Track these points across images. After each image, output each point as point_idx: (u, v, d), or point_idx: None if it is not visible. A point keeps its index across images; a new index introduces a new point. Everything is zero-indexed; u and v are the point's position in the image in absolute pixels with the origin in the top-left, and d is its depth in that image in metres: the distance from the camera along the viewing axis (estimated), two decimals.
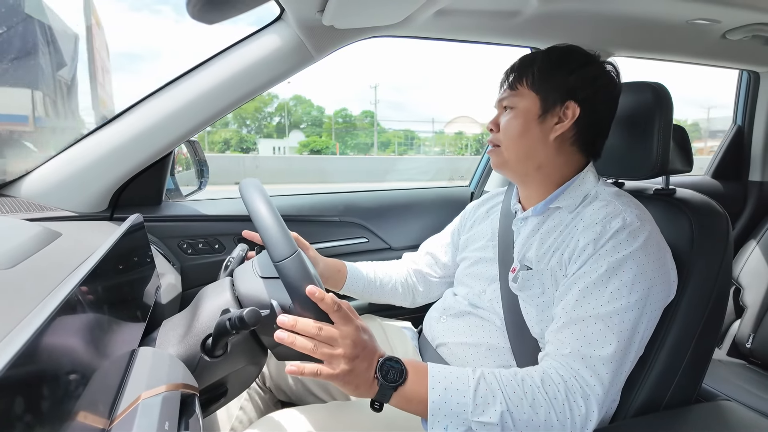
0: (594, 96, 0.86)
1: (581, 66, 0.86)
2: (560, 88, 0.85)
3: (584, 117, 0.85)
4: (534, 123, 0.86)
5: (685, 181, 1.86)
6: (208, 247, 1.24)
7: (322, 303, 0.64)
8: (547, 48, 0.90)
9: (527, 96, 0.87)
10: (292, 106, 48.16)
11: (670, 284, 0.79)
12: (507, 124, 0.89)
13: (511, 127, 0.88)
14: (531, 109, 0.87)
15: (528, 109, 0.87)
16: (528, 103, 0.87)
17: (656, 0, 1.05)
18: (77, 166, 1.05)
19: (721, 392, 1.33)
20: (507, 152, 0.89)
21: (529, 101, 0.87)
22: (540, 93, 0.86)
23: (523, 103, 0.87)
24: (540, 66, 0.87)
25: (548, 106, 0.86)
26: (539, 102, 0.86)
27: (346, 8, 0.91)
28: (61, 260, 0.69)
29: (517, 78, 0.89)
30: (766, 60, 1.64)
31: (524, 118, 0.87)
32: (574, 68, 0.86)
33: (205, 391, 0.67)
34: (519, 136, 0.87)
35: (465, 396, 0.67)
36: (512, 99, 0.89)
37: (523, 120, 0.87)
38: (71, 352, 0.43)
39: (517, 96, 0.88)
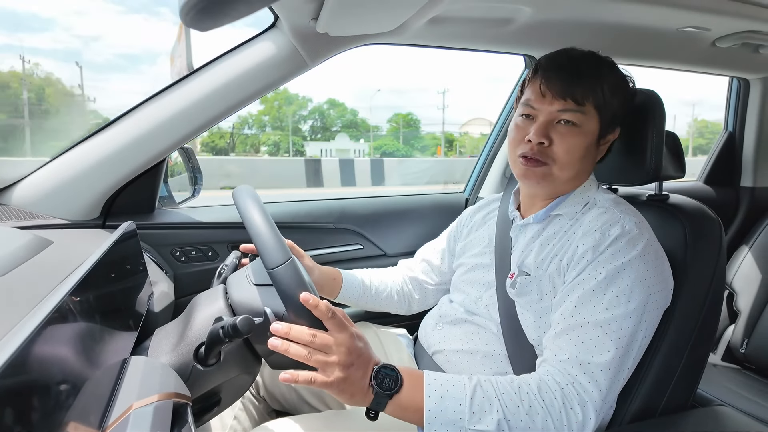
0: (625, 121, 0.88)
1: (630, 92, 0.87)
2: (618, 114, 0.84)
3: (615, 140, 0.88)
4: (593, 146, 0.83)
5: (677, 187, 1.87)
6: (202, 254, 1.23)
7: (316, 310, 0.63)
8: (607, 59, 0.85)
9: (592, 116, 0.81)
10: (325, 109, 48.33)
11: (667, 291, 0.79)
12: (570, 144, 0.81)
13: (575, 148, 0.81)
14: (594, 132, 0.82)
15: (593, 131, 0.82)
16: (593, 124, 0.81)
17: (647, 9, 1.06)
18: (69, 174, 1.04)
19: (716, 397, 1.33)
20: (560, 171, 0.83)
21: (594, 122, 0.81)
22: (604, 115, 0.82)
23: (589, 124, 0.81)
24: (609, 85, 0.81)
25: (606, 131, 0.84)
26: (599, 125, 0.82)
27: (340, 16, 0.92)
28: (51, 268, 0.68)
29: (585, 93, 0.80)
30: (755, 67, 1.66)
31: (589, 140, 0.81)
32: (627, 95, 0.86)
33: (198, 400, 0.67)
34: (580, 158, 0.82)
35: (461, 404, 0.66)
36: (578, 116, 0.80)
37: (588, 142, 0.82)
38: (61, 361, 0.42)
39: (584, 114, 0.80)
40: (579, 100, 0.80)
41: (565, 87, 0.80)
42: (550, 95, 0.81)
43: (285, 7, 0.94)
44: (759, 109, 1.82)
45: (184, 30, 1.52)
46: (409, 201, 1.58)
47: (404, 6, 0.90)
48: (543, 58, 0.86)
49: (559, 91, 0.80)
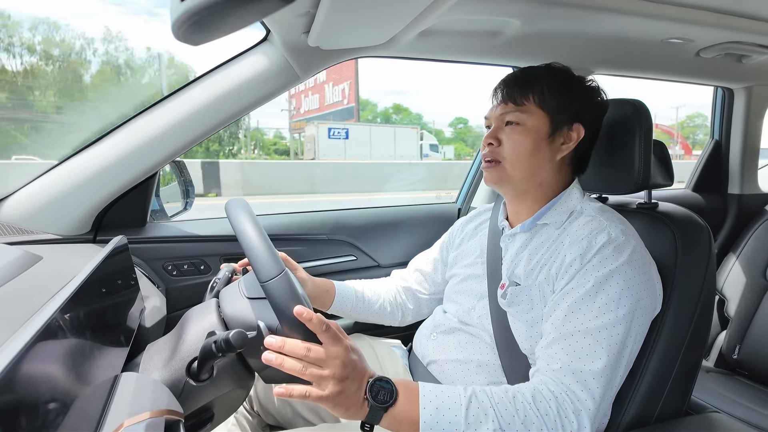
0: (595, 119, 0.90)
1: (586, 89, 0.89)
2: (569, 109, 0.87)
3: (585, 139, 0.88)
4: (544, 142, 0.87)
5: (666, 195, 1.89)
6: (194, 268, 1.22)
7: (310, 323, 0.63)
8: (546, 65, 0.91)
9: (536, 114, 0.87)
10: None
11: (656, 297, 0.80)
12: (515, 141, 0.87)
13: (519, 145, 0.87)
14: (540, 128, 0.86)
15: (537, 128, 0.86)
16: (537, 121, 0.86)
17: (632, 20, 1.09)
18: (59, 188, 1.03)
19: (709, 404, 1.33)
20: (512, 169, 0.88)
21: (537, 119, 0.86)
22: (549, 112, 0.86)
23: (531, 120, 0.86)
24: (549, 84, 0.87)
25: (557, 127, 0.87)
26: (548, 121, 0.86)
27: (331, 30, 0.93)
28: (41, 284, 0.67)
29: (522, 93, 0.87)
30: (739, 77, 1.70)
31: (535, 136, 0.86)
32: (581, 90, 0.89)
33: (191, 416, 0.66)
34: (528, 155, 0.86)
35: (457, 415, 0.66)
36: (519, 115, 0.87)
37: (533, 138, 0.86)
38: (51, 378, 0.42)
39: (525, 113, 0.87)
40: (517, 101, 0.87)
41: (507, 93, 0.89)
42: (497, 103, 0.92)
43: (277, 21, 0.95)
44: (743, 117, 1.86)
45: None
46: (402, 212, 1.59)
47: (395, 20, 0.91)
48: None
49: (503, 97, 0.90)
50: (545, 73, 0.89)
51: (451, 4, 0.87)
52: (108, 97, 21.43)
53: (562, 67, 0.91)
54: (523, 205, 0.93)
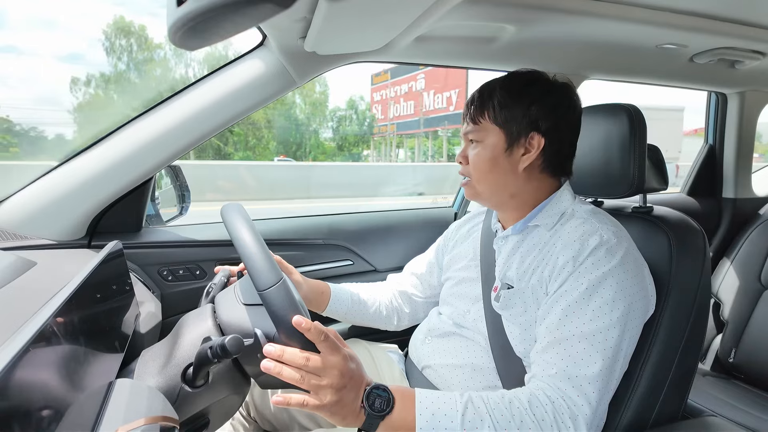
0: (557, 125, 0.86)
1: (541, 95, 0.86)
2: (522, 120, 0.86)
3: (549, 145, 0.86)
4: (501, 156, 0.87)
5: (661, 199, 1.90)
6: (189, 273, 1.21)
7: (308, 333, 0.63)
8: (505, 76, 0.90)
9: (491, 130, 0.88)
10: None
11: (649, 299, 0.80)
12: (475, 158, 0.89)
13: (479, 162, 0.89)
14: (497, 143, 0.87)
15: (494, 144, 0.87)
16: (493, 137, 0.87)
17: (627, 26, 1.09)
18: (54, 194, 1.02)
19: (706, 407, 1.33)
20: (479, 185, 0.90)
21: (493, 135, 0.87)
22: (503, 126, 0.87)
23: (488, 138, 0.88)
24: (499, 99, 0.87)
25: (513, 139, 0.86)
26: (504, 135, 0.87)
27: (328, 35, 0.93)
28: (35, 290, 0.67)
29: (479, 111, 0.89)
30: (732, 82, 1.71)
31: (491, 152, 0.88)
32: (535, 98, 0.86)
33: (187, 422, 0.65)
34: (488, 170, 0.88)
35: (453, 421, 0.66)
36: (477, 133, 0.89)
37: (490, 154, 0.88)
38: (45, 385, 0.41)
39: (482, 130, 0.88)
40: (475, 119, 0.90)
41: (468, 112, 0.92)
42: (463, 124, 0.95)
43: (273, 27, 0.95)
44: (737, 122, 1.87)
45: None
46: (398, 216, 1.59)
47: (391, 26, 0.92)
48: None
49: (467, 117, 0.93)
50: (498, 86, 0.88)
51: (447, 10, 0.88)
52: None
53: (524, 74, 0.89)
54: (508, 213, 0.94)
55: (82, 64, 45.77)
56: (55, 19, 49.07)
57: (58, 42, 47.87)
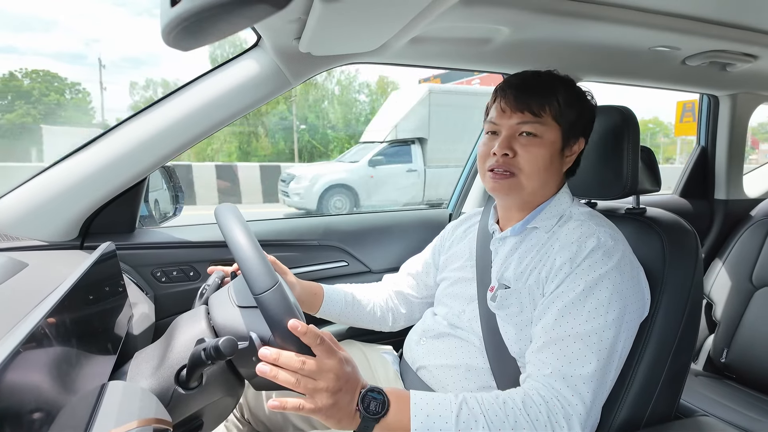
0: (591, 132, 0.92)
1: (590, 106, 0.90)
2: (578, 124, 0.88)
3: (582, 150, 0.91)
4: (557, 155, 0.87)
5: (654, 200, 1.92)
6: (183, 274, 1.21)
7: (304, 337, 0.63)
8: (557, 74, 0.90)
9: (552, 127, 0.85)
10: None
11: (644, 301, 0.80)
12: (533, 154, 0.85)
13: (539, 158, 0.85)
14: (555, 142, 0.86)
15: (553, 141, 0.86)
16: (553, 134, 0.86)
17: (620, 29, 1.10)
18: (46, 194, 1.02)
19: (698, 407, 1.34)
20: (527, 181, 0.86)
21: (553, 133, 0.86)
22: (563, 125, 0.86)
23: (548, 133, 0.85)
24: (564, 97, 0.86)
25: (567, 141, 0.87)
26: (561, 135, 0.86)
27: (322, 36, 0.93)
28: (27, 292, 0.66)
29: (540, 104, 0.85)
30: (724, 84, 1.73)
31: (551, 149, 0.86)
32: (587, 104, 0.89)
33: (180, 425, 0.65)
34: (545, 168, 0.86)
35: (447, 422, 0.66)
36: (536, 126, 0.85)
37: (550, 152, 0.86)
38: (36, 388, 0.41)
39: (542, 125, 0.85)
40: (535, 111, 0.85)
41: (522, 101, 0.85)
42: (509, 110, 0.87)
43: (268, 27, 0.95)
44: (728, 124, 1.89)
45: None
46: (393, 217, 1.59)
47: (386, 27, 0.92)
48: (501, 82, 0.92)
49: (517, 105, 0.86)
50: (560, 83, 0.87)
51: (442, 12, 0.88)
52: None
53: (568, 79, 0.90)
54: (517, 212, 0.93)
55: (83, 65, 45.49)
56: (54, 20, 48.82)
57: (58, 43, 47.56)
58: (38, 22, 48.00)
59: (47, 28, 47.98)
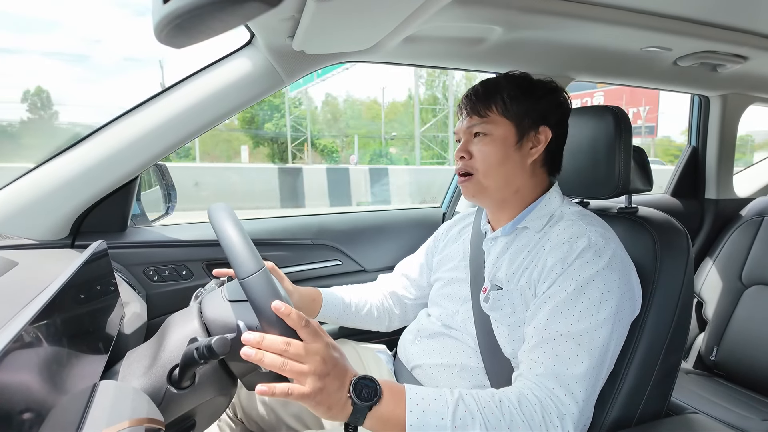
0: (561, 119, 0.92)
1: (548, 91, 0.91)
2: (533, 113, 0.88)
3: (554, 140, 0.90)
4: (512, 149, 0.88)
5: (646, 200, 1.93)
6: (176, 273, 1.20)
7: (288, 319, 0.62)
8: (505, 74, 0.93)
9: (500, 123, 0.88)
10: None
11: (635, 300, 0.81)
12: (484, 152, 0.88)
13: (489, 155, 0.88)
14: (507, 136, 0.88)
15: (504, 136, 0.88)
16: (503, 130, 0.88)
17: (612, 29, 1.11)
18: (36, 192, 1.01)
19: (689, 405, 1.36)
20: (486, 180, 0.89)
21: (503, 128, 0.88)
22: (513, 119, 0.88)
23: (497, 130, 0.88)
24: (509, 92, 0.88)
25: (523, 132, 0.88)
26: (514, 128, 0.88)
27: (316, 34, 0.93)
28: (16, 291, 0.65)
29: (484, 104, 0.89)
30: (714, 85, 1.75)
31: (502, 144, 0.88)
32: (542, 94, 0.90)
33: (172, 424, 0.64)
34: (499, 163, 0.88)
35: (444, 418, 0.66)
36: (484, 126, 0.89)
37: (501, 147, 0.88)
38: (26, 388, 0.41)
39: (490, 123, 0.88)
40: (481, 113, 0.89)
41: (471, 106, 0.91)
42: (463, 117, 0.93)
43: (261, 25, 0.95)
44: (719, 124, 1.91)
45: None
46: (387, 216, 1.59)
47: (379, 26, 0.92)
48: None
49: (467, 111, 0.92)
50: (505, 81, 0.91)
51: (435, 11, 0.88)
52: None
53: (521, 74, 0.93)
54: (503, 212, 0.94)
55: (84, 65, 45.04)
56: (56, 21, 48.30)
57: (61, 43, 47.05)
58: (41, 22, 47.54)
59: (50, 28, 47.50)
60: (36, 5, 47.02)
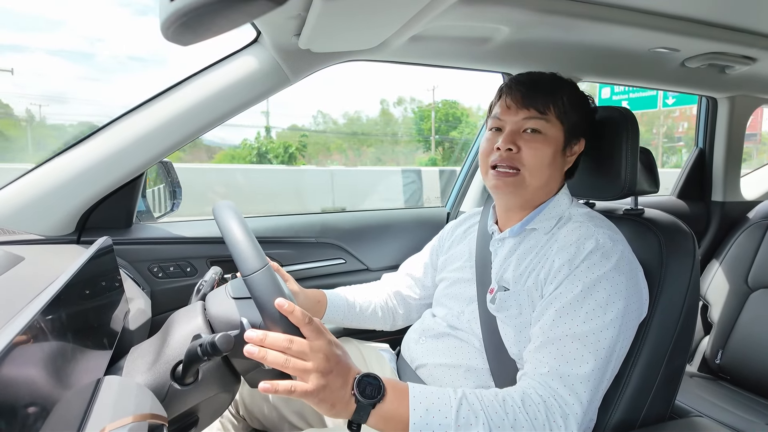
0: (592, 135, 0.94)
1: (593, 108, 0.93)
2: (582, 124, 0.89)
3: (584, 152, 0.92)
4: (559, 153, 0.88)
5: (651, 201, 1.92)
6: (180, 270, 1.21)
7: (291, 316, 0.62)
8: (567, 78, 0.93)
9: (556, 125, 0.87)
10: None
11: (642, 302, 0.81)
12: (537, 150, 0.86)
13: (542, 154, 0.86)
14: (558, 139, 0.87)
15: (557, 139, 0.87)
16: (556, 132, 0.87)
17: (620, 29, 1.10)
18: (43, 188, 1.01)
19: (693, 408, 1.35)
20: (531, 178, 0.87)
21: (557, 131, 0.87)
22: (566, 125, 0.88)
23: (552, 131, 0.87)
24: (570, 97, 0.88)
25: (569, 140, 0.89)
26: (564, 133, 0.88)
27: (322, 33, 0.93)
28: (23, 286, 0.66)
29: (546, 102, 0.87)
30: (722, 87, 1.73)
31: (554, 147, 0.87)
32: (590, 109, 0.92)
33: (175, 420, 0.65)
34: (548, 164, 0.87)
35: (447, 417, 0.66)
36: (541, 123, 0.86)
37: (553, 149, 0.87)
38: (31, 382, 0.41)
39: (547, 122, 0.87)
40: (541, 109, 0.86)
41: (528, 98, 0.87)
42: (515, 107, 0.88)
43: (267, 23, 0.95)
44: (726, 126, 1.89)
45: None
46: (391, 215, 1.59)
47: (385, 24, 0.91)
48: (507, 79, 0.96)
49: (522, 102, 0.87)
50: (566, 84, 0.90)
51: (442, 10, 0.88)
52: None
53: (572, 82, 0.93)
54: (514, 212, 0.93)
55: (85, 64, 45.40)
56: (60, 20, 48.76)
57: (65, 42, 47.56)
58: (45, 22, 48.10)
59: (53, 27, 48.07)
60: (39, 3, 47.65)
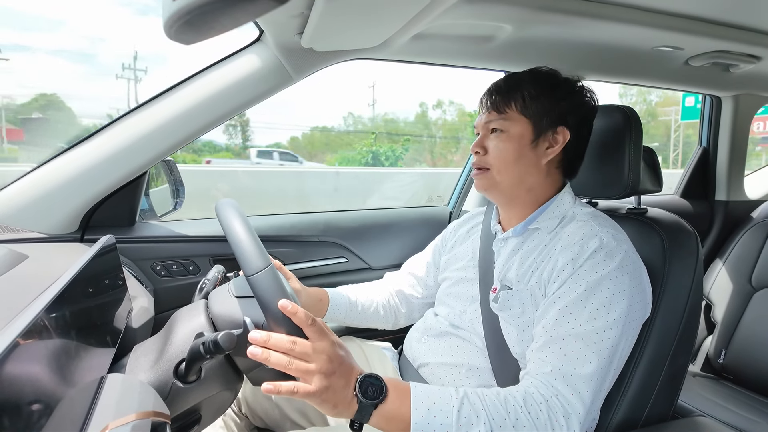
0: (581, 121, 0.90)
1: (570, 91, 0.89)
2: (552, 113, 0.87)
3: (572, 141, 0.88)
4: (527, 148, 0.88)
5: (655, 200, 1.91)
6: (183, 268, 1.21)
7: (295, 317, 0.62)
8: (530, 70, 0.92)
9: (518, 120, 0.88)
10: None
11: (646, 302, 0.80)
12: (499, 148, 0.88)
13: (504, 152, 0.88)
14: (524, 134, 0.87)
15: (521, 134, 0.87)
16: (520, 127, 0.87)
17: (623, 28, 1.10)
18: (47, 186, 1.02)
19: (696, 408, 1.35)
20: (499, 176, 0.89)
21: (520, 126, 0.87)
22: (531, 118, 0.87)
23: (514, 127, 0.87)
24: (529, 90, 0.88)
25: (540, 131, 0.87)
26: (531, 127, 0.87)
27: (325, 32, 0.93)
28: (26, 283, 0.66)
29: (504, 101, 0.88)
30: (726, 85, 1.72)
31: (518, 142, 0.87)
32: (564, 94, 0.89)
33: (178, 418, 0.65)
34: (513, 161, 0.87)
35: (449, 416, 0.66)
36: (501, 122, 0.88)
37: (516, 144, 0.87)
38: (35, 379, 0.41)
39: (507, 120, 0.88)
40: (500, 108, 0.89)
41: (490, 102, 0.91)
42: (483, 112, 0.93)
43: (270, 22, 0.95)
44: (730, 125, 1.89)
45: None
46: (393, 214, 1.59)
47: (388, 23, 0.91)
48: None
49: (487, 106, 0.92)
50: (527, 78, 0.90)
51: (444, 9, 0.88)
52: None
53: (548, 71, 0.91)
54: (514, 210, 0.93)
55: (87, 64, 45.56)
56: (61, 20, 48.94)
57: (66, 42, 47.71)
58: (46, 21, 48.33)
59: (54, 27, 48.28)
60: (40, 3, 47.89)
